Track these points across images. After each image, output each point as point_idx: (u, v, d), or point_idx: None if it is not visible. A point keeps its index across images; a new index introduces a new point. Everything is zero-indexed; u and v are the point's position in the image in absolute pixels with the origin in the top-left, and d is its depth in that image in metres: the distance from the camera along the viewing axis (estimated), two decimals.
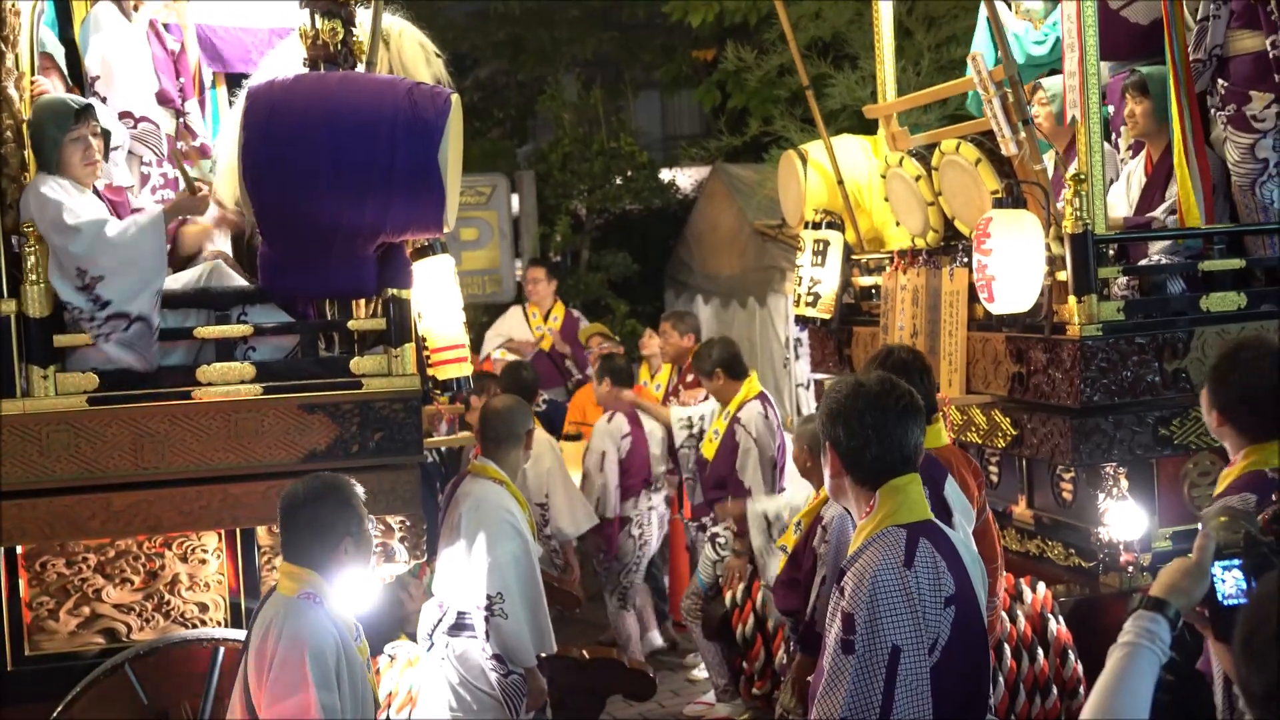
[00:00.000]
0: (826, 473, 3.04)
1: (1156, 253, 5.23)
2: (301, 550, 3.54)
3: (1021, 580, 4.92)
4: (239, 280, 4.70)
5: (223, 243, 5.04)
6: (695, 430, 6.90)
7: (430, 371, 4.81)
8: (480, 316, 12.00)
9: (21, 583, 4.37)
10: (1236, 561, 2.30)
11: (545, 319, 9.53)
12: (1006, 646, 4.66)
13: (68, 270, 4.21)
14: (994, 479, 5.67)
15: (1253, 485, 3.09)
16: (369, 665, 3.72)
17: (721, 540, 6.58)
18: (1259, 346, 3.32)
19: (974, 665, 2.91)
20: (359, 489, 3.62)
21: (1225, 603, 2.29)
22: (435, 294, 4.84)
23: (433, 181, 4.28)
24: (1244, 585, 2.29)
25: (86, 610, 4.42)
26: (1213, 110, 5.36)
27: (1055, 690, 4.70)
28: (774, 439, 6.53)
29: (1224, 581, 2.30)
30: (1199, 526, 2.75)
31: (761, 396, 6.68)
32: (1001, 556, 4.46)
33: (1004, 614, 4.67)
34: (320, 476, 3.65)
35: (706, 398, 7.32)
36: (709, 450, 6.71)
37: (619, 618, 7.28)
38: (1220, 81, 5.25)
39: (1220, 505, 2.62)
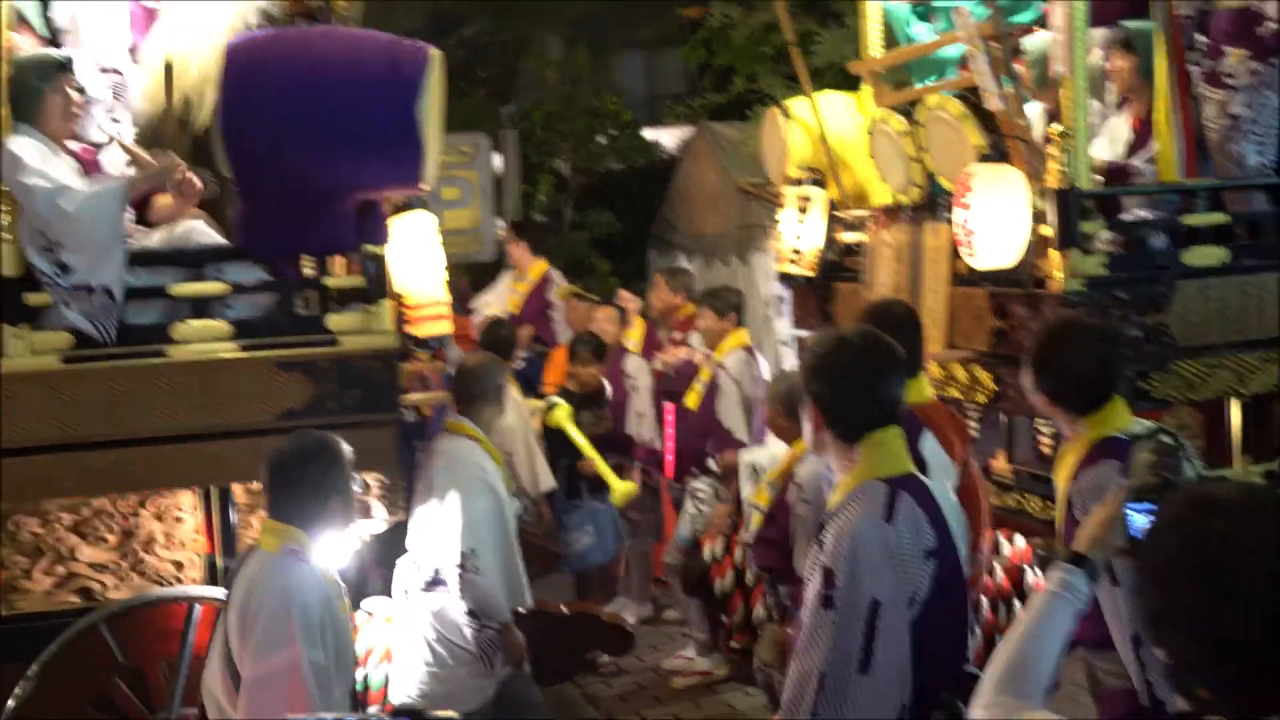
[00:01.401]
0: (808, 427, 3.02)
1: (1138, 206, 5.20)
2: (288, 507, 3.50)
3: (1000, 533, 4.92)
4: (216, 238, 4.64)
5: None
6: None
7: (408, 329, 4.76)
8: (462, 276, 11.94)
9: None
10: (1149, 506, 2.29)
11: (519, 280, 9.46)
12: (984, 599, 4.66)
13: (32, 232, 4.14)
14: (974, 434, 5.65)
15: (1108, 451, 3.28)
16: (349, 623, 3.70)
17: (702, 495, 6.60)
18: (1074, 327, 3.62)
19: (954, 618, 2.91)
20: (347, 448, 3.58)
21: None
22: (415, 251, 4.79)
23: (411, 137, 4.23)
24: None
25: (61, 569, 4.40)
26: (1190, 66, 5.32)
27: None
28: (755, 387, 6.56)
29: (1136, 523, 2.32)
30: None
31: (748, 348, 6.75)
32: (988, 513, 4.44)
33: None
34: (310, 434, 3.61)
35: (689, 358, 7.31)
36: (693, 400, 6.77)
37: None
38: (1199, 37, 5.21)
39: (1147, 444, 2.62)
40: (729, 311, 6.81)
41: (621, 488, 6.84)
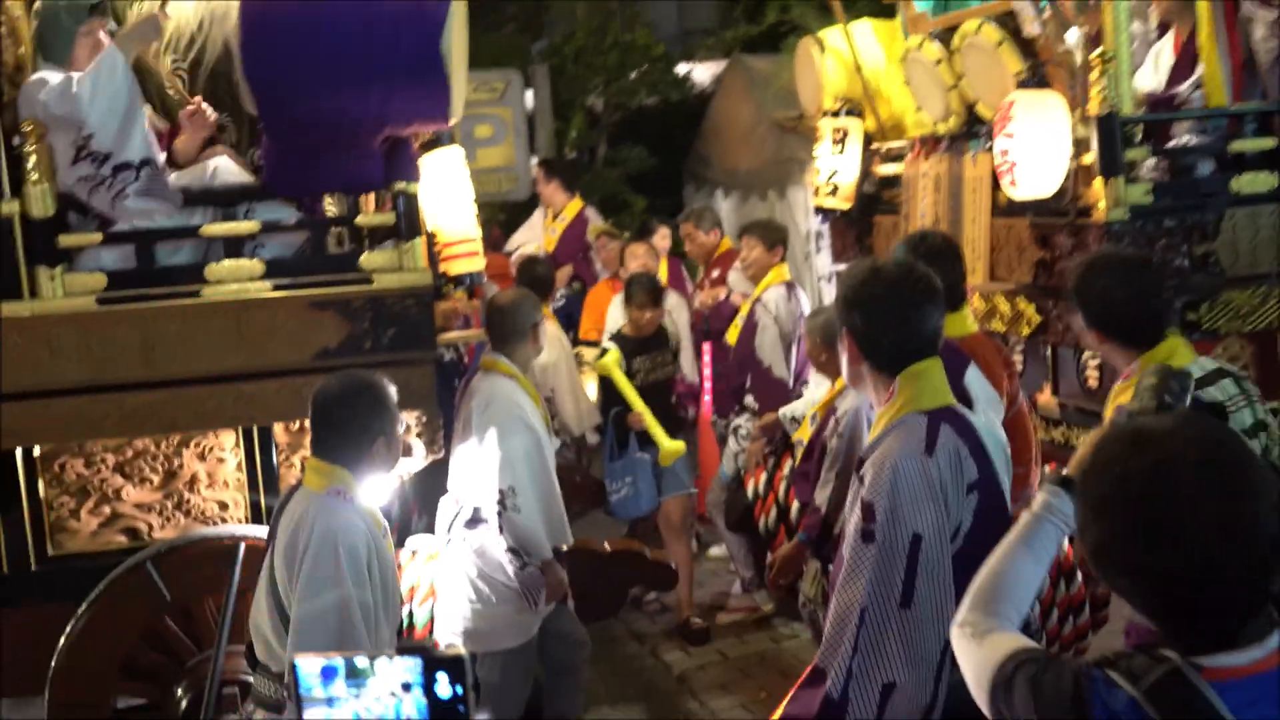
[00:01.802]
0: (844, 360, 2.98)
1: (1185, 133, 5.08)
2: (333, 447, 3.48)
3: (1048, 468, 4.86)
4: (245, 177, 4.62)
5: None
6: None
7: (442, 267, 4.74)
8: (497, 214, 11.90)
9: (41, 483, 4.37)
10: None
11: (554, 219, 9.41)
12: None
13: (64, 145, 4.12)
14: (1019, 367, 5.60)
15: None
16: (394, 561, 3.71)
17: (743, 431, 6.59)
18: (1111, 259, 3.48)
19: None
20: (392, 388, 3.56)
21: None
22: (445, 187, 4.75)
23: (436, 71, 4.18)
24: None
25: (107, 510, 4.44)
26: None
27: (1087, 610, 4.62)
28: (794, 323, 6.52)
29: None
30: None
31: (788, 284, 6.69)
32: (1037, 448, 4.39)
33: None
34: (356, 374, 3.58)
35: (728, 296, 7.28)
36: (732, 336, 6.75)
37: None
38: None
39: (1154, 367, 2.58)
40: (777, 244, 6.74)
41: (669, 447, 6.42)
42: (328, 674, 2.09)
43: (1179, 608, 1.75)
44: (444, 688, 2.07)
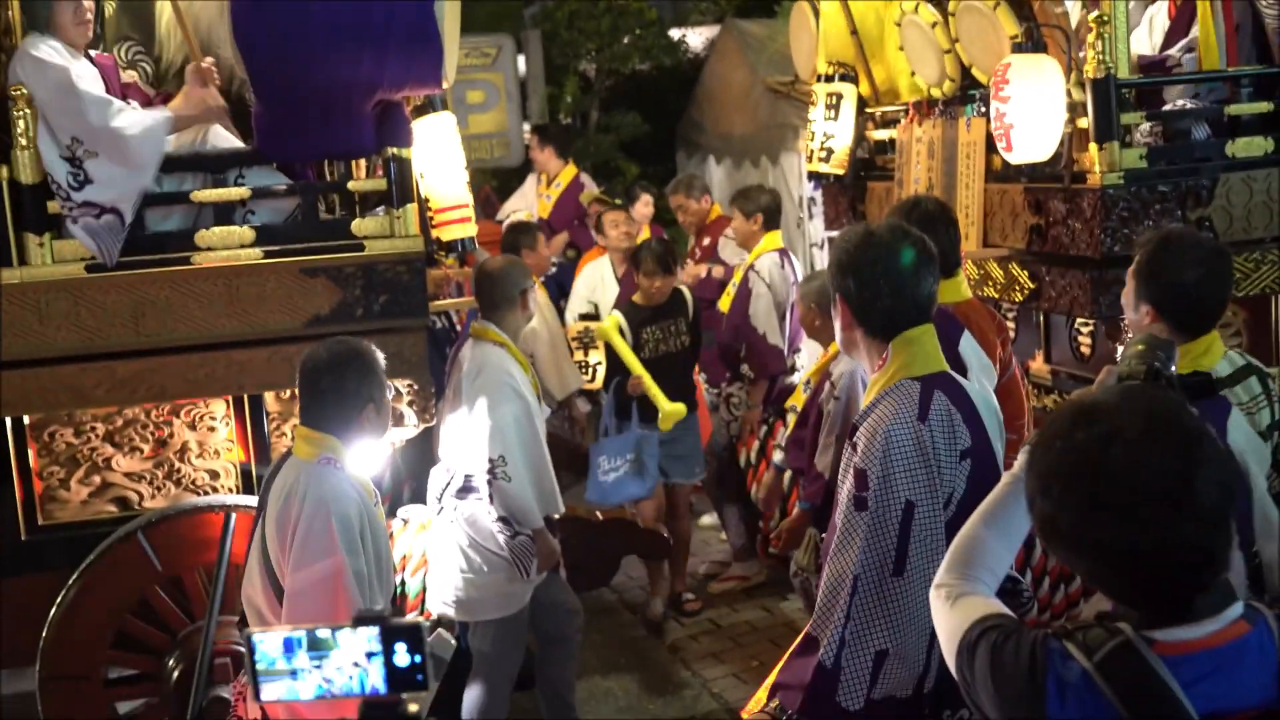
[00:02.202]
0: (838, 325, 2.96)
1: (1178, 97, 5.05)
2: (322, 415, 3.47)
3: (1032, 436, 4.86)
4: (235, 143, 4.58)
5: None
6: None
7: (434, 233, 4.71)
8: (489, 180, 11.84)
9: (31, 453, 4.35)
10: None
11: (549, 185, 9.36)
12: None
13: (59, 135, 4.10)
14: (1011, 334, 5.59)
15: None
16: (386, 524, 3.70)
17: (735, 400, 6.58)
18: (1188, 237, 3.23)
19: None
20: (380, 355, 3.54)
21: None
22: (437, 153, 4.71)
23: (429, 35, 4.16)
24: None
25: (97, 479, 4.42)
26: None
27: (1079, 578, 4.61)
28: (787, 290, 6.50)
29: None
30: None
31: (781, 251, 6.67)
32: (1029, 414, 4.38)
33: None
34: (344, 341, 3.55)
35: (709, 273, 7.26)
36: (725, 303, 6.73)
37: None
38: None
39: (1142, 335, 2.54)
40: (755, 213, 6.70)
41: (669, 409, 6.17)
42: (289, 646, 2.06)
43: (1126, 581, 1.74)
44: (402, 657, 2.06)
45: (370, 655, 2.01)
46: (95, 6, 4.47)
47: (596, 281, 7.54)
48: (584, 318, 7.41)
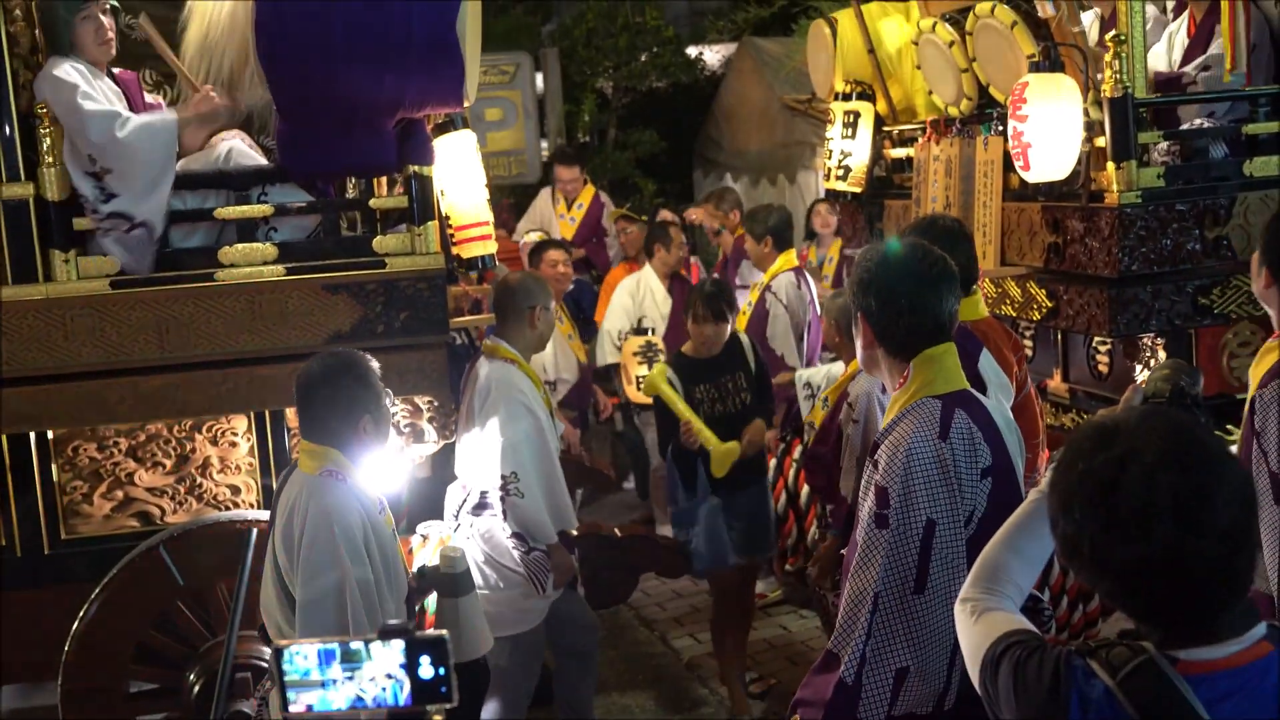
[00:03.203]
0: (859, 344, 2.97)
1: (1195, 116, 5.06)
2: (321, 428, 3.52)
3: (1057, 455, 4.86)
4: (258, 159, 4.62)
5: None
6: (815, 394, 6.14)
7: (455, 250, 4.73)
8: (507, 198, 11.89)
9: (54, 467, 4.39)
10: None
11: (569, 207, 9.41)
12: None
13: (79, 154, 4.15)
14: (1029, 352, 5.59)
15: None
16: (395, 536, 3.72)
17: None
18: None
19: None
20: (375, 365, 3.58)
21: None
22: (457, 170, 4.74)
23: (451, 53, 4.19)
24: None
25: (120, 494, 4.45)
26: None
27: (1097, 596, 4.61)
28: (804, 310, 6.51)
29: None
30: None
31: (797, 270, 6.68)
32: (1044, 433, 4.39)
33: None
34: (335, 354, 3.61)
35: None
36: (741, 322, 6.71)
37: None
38: None
39: (1169, 360, 2.56)
40: (764, 235, 6.71)
41: (720, 451, 5.35)
42: (324, 658, 2.09)
43: (1145, 600, 1.75)
44: (426, 669, 2.09)
45: (402, 667, 2.04)
46: (116, 25, 4.51)
47: (643, 295, 7.52)
48: (638, 332, 7.40)
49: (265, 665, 4.20)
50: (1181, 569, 1.69)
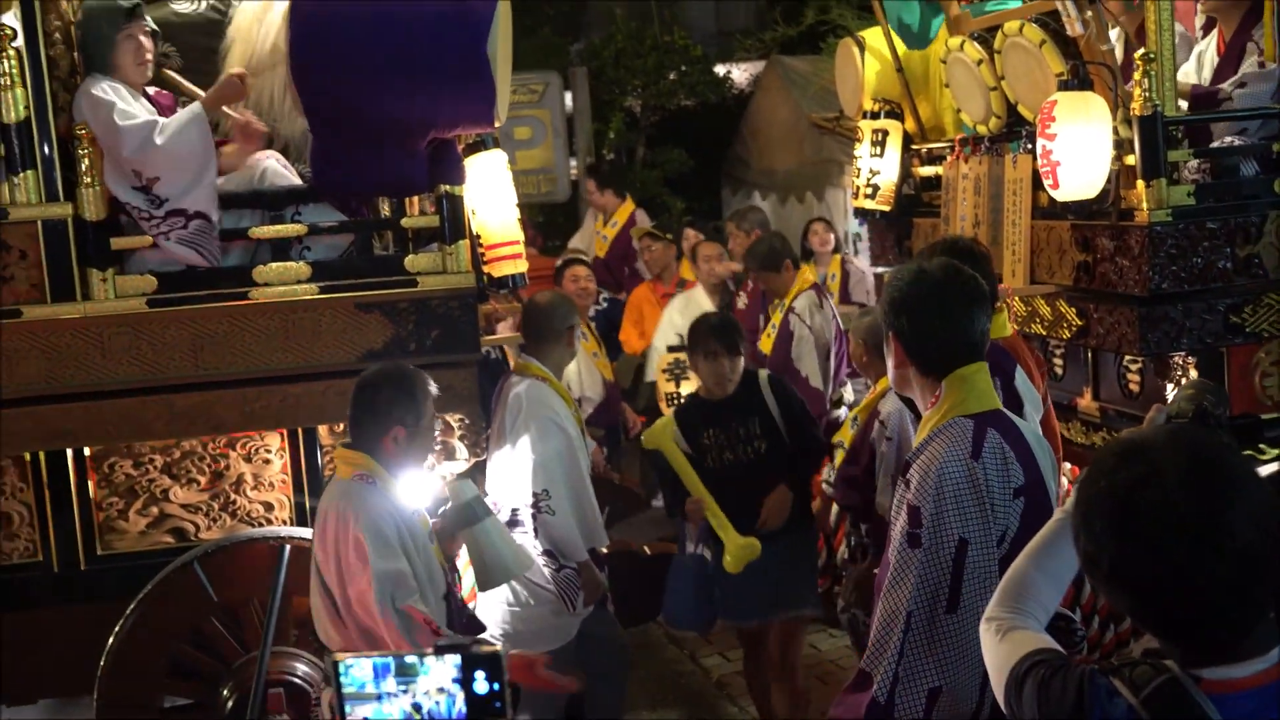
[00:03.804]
0: (890, 363, 2.98)
1: (1227, 133, 5.05)
2: (358, 433, 3.63)
3: (1071, 470, 4.85)
4: (292, 179, 4.67)
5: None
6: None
7: (485, 269, 4.77)
8: (536, 216, 11.94)
9: (91, 484, 4.43)
10: None
11: (606, 224, 9.46)
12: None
13: (124, 171, 4.21)
14: (1059, 371, 5.58)
15: None
16: (432, 538, 3.76)
17: None
18: None
19: None
20: (428, 384, 3.65)
21: None
22: (488, 190, 4.78)
23: (482, 74, 4.23)
24: None
25: (155, 510, 4.49)
26: None
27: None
28: (829, 327, 6.51)
29: None
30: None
31: (816, 287, 6.68)
32: (1060, 451, 4.38)
33: None
34: (390, 364, 3.74)
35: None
36: (766, 345, 6.72)
37: None
38: None
39: (1193, 380, 2.57)
40: (781, 261, 6.73)
41: (736, 546, 4.70)
42: (379, 671, 2.13)
43: (1164, 618, 1.76)
44: (481, 684, 2.12)
45: (456, 681, 2.07)
46: (154, 46, 4.57)
47: (692, 312, 7.55)
48: (673, 349, 7.42)
49: (299, 680, 4.24)
50: (1198, 589, 1.69)
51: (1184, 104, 4.95)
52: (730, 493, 4.77)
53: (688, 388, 6.63)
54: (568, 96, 12.92)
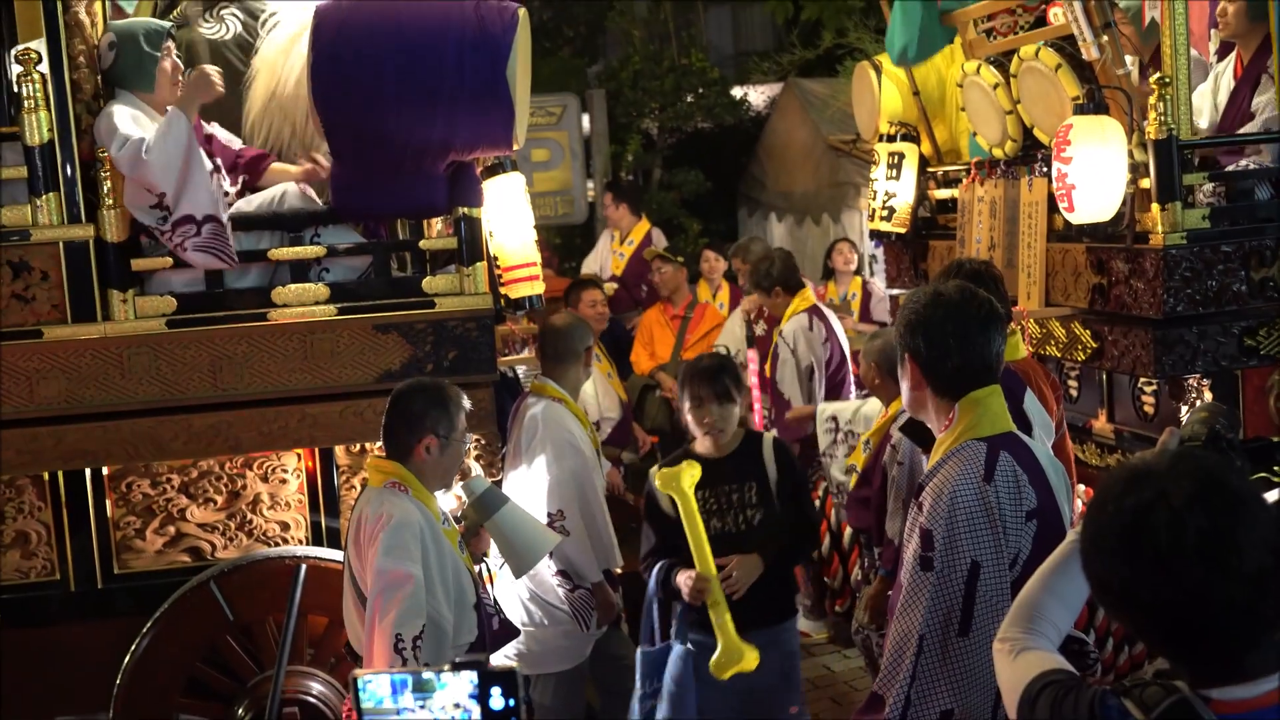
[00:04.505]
0: (905, 385, 2.99)
1: (1246, 159, 5.05)
2: (391, 443, 3.68)
3: (1085, 492, 4.85)
4: (312, 201, 4.71)
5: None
6: (841, 433, 6.07)
7: (503, 290, 4.80)
8: (554, 238, 11.98)
9: (109, 503, 4.46)
10: None
11: (621, 243, 9.48)
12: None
13: (138, 190, 4.23)
14: (1074, 393, 5.58)
15: None
16: (462, 547, 3.79)
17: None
18: None
19: None
20: (462, 398, 3.72)
21: None
22: (506, 212, 4.82)
23: (501, 97, 4.26)
24: None
25: (172, 529, 4.52)
26: None
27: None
28: (815, 350, 6.54)
29: None
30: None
31: (811, 310, 6.71)
32: (1074, 474, 4.38)
33: None
34: (425, 377, 3.83)
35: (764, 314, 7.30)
36: (769, 368, 6.78)
37: None
38: None
39: (1206, 404, 2.57)
40: (772, 287, 6.76)
41: (733, 649, 3.95)
42: (396, 687, 2.15)
43: (1173, 640, 1.77)
44: (497, 700, 2.13)
45: (472, 697, 2.09)
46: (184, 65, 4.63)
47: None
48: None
49: (314, 699, 4.25)
50: (1208, 612, 1.71)
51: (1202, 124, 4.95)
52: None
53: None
54: (585, 118, 12.99)
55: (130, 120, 4.26)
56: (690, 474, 4.10)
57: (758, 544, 4.12)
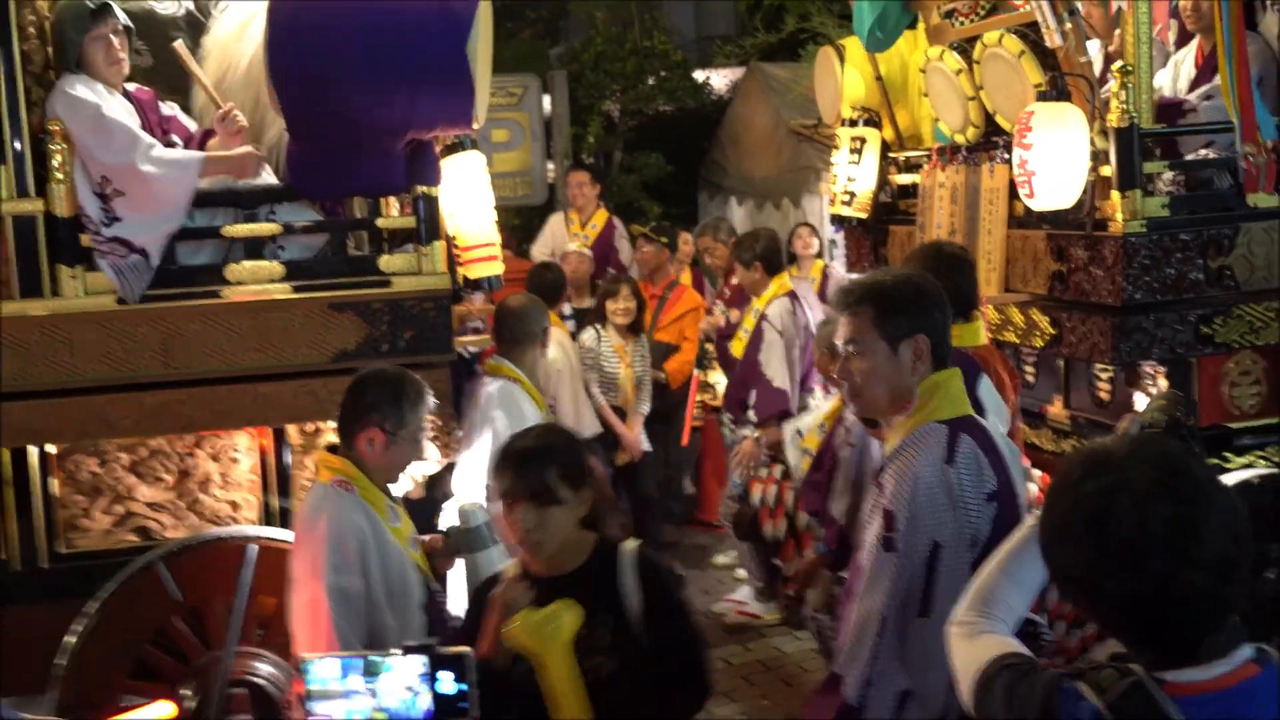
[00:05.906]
0: (899, 365, 2.96)
1: (1200, 146, 5.08)
2: (341, 433, 3.58)
3: (1040, 478, 4.86)
4: (268, 177, 4.64)
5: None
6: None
7: (461, 270, 4.75)
8: (513, 219, 11.91)
9: (55, 482, 4.38)
10: None
11: (584, 226, 9.37)
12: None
13: (90, 174, 4.17)
14: (1030, 379, 5.60)
15: None
16: (414, 543, 3.70)
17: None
18: None
19: None
20: (420, 392, 3.59)
21: None
22: (465, 192, 4.76)
23: (462, 76, 4.21)
24: None
25: (120, 509, 4.45)
26: None
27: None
28: (799, 336, 6.52)
29: None
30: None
31: (791, 294, 6.68)
32: (1024, 459, 4.40)
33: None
34: (381, 368, 3.68)
35: (726, 319, 7.28)
36: (738, 349, 6.73)
37: None
38: None
39: (1166, 392, 2.59)
40: (753, 261, 6.70)
41: None
42: (345, 669, 2.12)
43: (1136, 627, 1.77)
44: (447, 684, 2.11)
45: (422, 679, 2.06)
46: (128, 43, 4.53)
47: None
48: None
49: (262, 682, 4.20)
50: (1172, 599, 1.70)
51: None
52: None
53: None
54: (546, 100, 12.92)
55: (96, 97, 4.21)
56: (571, 619, 2.78)
57: (615, 709, 2.79)
